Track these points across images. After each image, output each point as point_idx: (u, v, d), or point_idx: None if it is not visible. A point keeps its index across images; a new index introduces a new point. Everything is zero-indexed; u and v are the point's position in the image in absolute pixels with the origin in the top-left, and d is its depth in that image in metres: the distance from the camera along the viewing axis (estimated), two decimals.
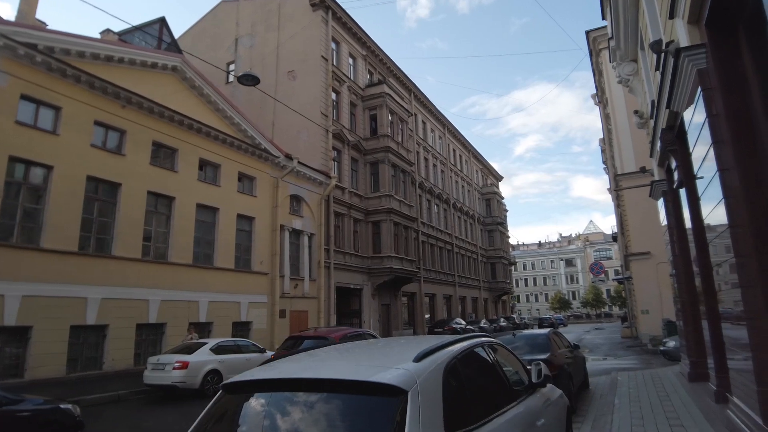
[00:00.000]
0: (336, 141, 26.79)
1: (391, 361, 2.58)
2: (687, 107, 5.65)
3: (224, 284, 18.09)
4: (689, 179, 6.96)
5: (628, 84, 10.63)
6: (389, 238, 27.92)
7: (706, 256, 6.11)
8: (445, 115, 47.05)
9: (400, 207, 29.44)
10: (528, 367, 4.12)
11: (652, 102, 8.39)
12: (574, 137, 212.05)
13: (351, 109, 29.39)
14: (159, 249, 16.37)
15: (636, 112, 10.35)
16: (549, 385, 4.29)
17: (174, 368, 11.12)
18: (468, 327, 27.68)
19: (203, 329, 17.15)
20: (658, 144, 8.14)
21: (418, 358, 2.42)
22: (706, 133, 4.79)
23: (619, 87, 21.66)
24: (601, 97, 27.34)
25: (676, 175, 7.96)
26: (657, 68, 7.34)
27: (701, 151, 5.21)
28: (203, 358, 11.74)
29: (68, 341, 13.04)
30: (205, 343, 12.31)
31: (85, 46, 14.54)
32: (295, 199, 22.82)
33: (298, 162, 22.10)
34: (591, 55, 24.93)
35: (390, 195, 28.41)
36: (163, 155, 16.98)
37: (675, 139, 7.41)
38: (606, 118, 25.61)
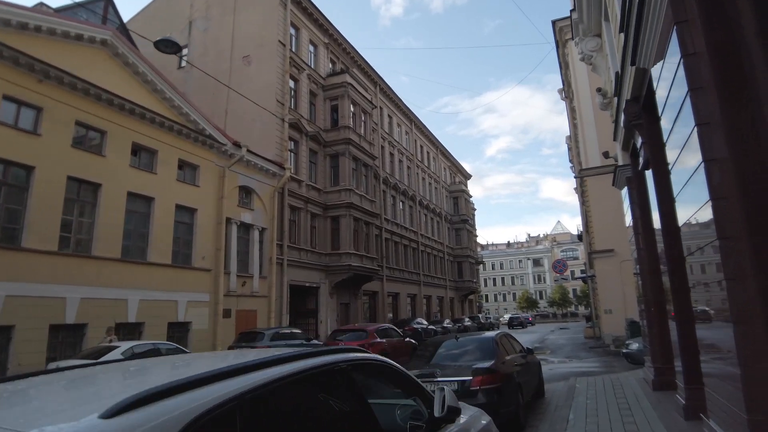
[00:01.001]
0: (293, 131, 25.35)
1: (64, 415, 1.33)
2: (656, 61, 4.59)
3: (159, 281, 16.48)
4: (657, 156, 5.94)
5: (591, 61, 9.68)
6: (349, 234, 26.64)
7: (677, 246, 5.07)
8: (418, 115, 46.14)
9: (361, 202, 28.19)
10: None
11: (616, 74, 7.39)
12: (544, 139, 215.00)
13: (311, 99, 27.98)
14: (81, 241, 14.68)
15: (599, 90, 9.41)
16: (469, 414, 3.10)
17: None
18: (430, 327, 26.58)
19: (133, 331, 15.54)
20: (622, 120, 7.13)
21: (113, 413, 1.18)
22: (681, 84, 3.71)
23: (585, 78, 21.00)
24: (567, 92, 26.71)
25: (641, 156, 6.96)
26: (621, 29, 6.31)
27: (672, 113, 4.14)
28: None
29: None
30: (117, 347, 10.79)
31: None
32: (245, 191, 21.31)
33: (248, 151, 20.59)
34: (557, 46, 24.21)
35: (350, 189, 27.12)
36: (88, 137, 15.29)
37: (641, 112, 6.39)
38: (572, 113, 24.96)
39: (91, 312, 14.19)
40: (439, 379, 6.11)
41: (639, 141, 6.73)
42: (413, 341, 18.56)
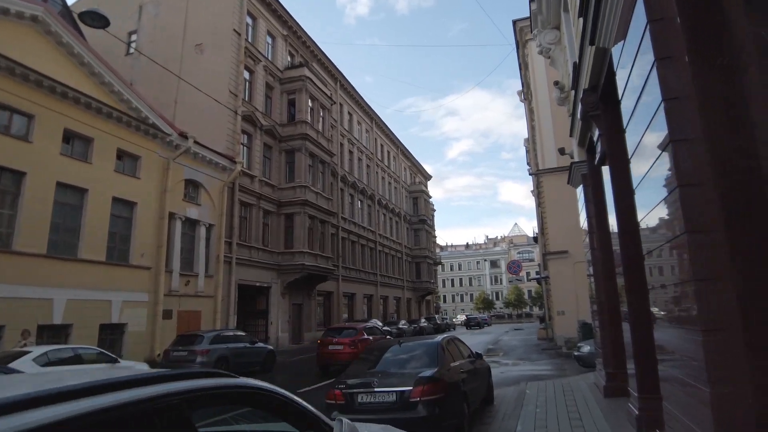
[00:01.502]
0: (247, 124, 24.32)
1: None
2: (617, 40, 4.14)
3: (91, 279, 15.22)
4: (615, 147, 5.55)
5: (549, 54, 9.34)
6: (303, 232, 25.78)
7: (634, 244, 4.65)
8: (381, 115, 45.60)
9: (317, 199, 27.38)
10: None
11: (574, 64, 7.00)
12: (504, 143, 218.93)
13: (267, 92, 26.97)
14: (1, 235, 13.34)
15: (557, 83, 9.09)
16: None
17: None
18: (384, 328, 25.87)
19: (59, 334, 14.26)
20: (579, 111, 6.73)
21: None
22: (646, 57, 3.24)
23: (543, 77, 20.96)
24: (526, 93, 26.75)
25: (598, 150, 6.58)
26: (580, 14, 5.90)
27: (634, 94, 3.68)
28: None
29: None
30: (29, 352, 9.67)
31: None
32: (192, 185, 20.17)
33: (195, 142, 19.48)
34: (518, 47, 24.16)
35: (306, 186, 26.28)
36: (13, 122, 13.93)
37: (598, 102, 6.00)
38: (530, 114, 24.97)
39: (8, 313, 12.87)
40: (377, 389, 5.52)
41: (596, 133, 6.35)
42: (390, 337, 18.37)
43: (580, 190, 9.46)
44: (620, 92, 4.25)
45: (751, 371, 2.23)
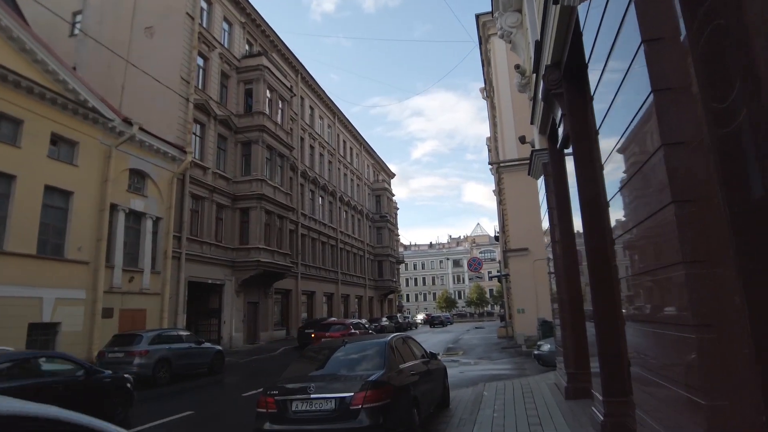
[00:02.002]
0: (200, 113, 23.12)
1: None
2: None
3: (18, 274, 13.90)
4: (579, 127, 5.05)
5: (510, 38, 8.87)
6: (259, 227, 24.77)
7: (600, 230, 4.14)
8: (346, 114, 44.85)
9: (275, 194, 26.39)
10: None
11: (536, 43, 6.51)
12: (468, 145, 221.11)
13: (222, 81, 25.79)
14: None
15: (517, 67, 8.62)
16: None
17: None
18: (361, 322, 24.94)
19: None
20: (541, 91, 6.24)
21: None
22: (618, 5, 2.69)
23: (505, 70, 20.73)
24: (488, 90, 26.55)
25: (560, 133, 6.10)
26: None
27: (604, 48, 3.14)
28: None
29: None
30: None
31: None
32: (138, 175, 18.91)
33: (140, 129, 18.23)
34: (481, 42, 23.88)
35: (263, 180, 25.26)
36: None
37: (561, 79, 5.50)
38: (492, 110, 24.76)
39: None
40: (314, 396, 4.84)
41: (558, 114, 5.87)
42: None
43: (541, 182, 9.04)
44: (587, 55, 3.72)
45: (762, 376, 1.69)
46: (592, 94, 3.63)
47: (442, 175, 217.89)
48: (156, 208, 19.45)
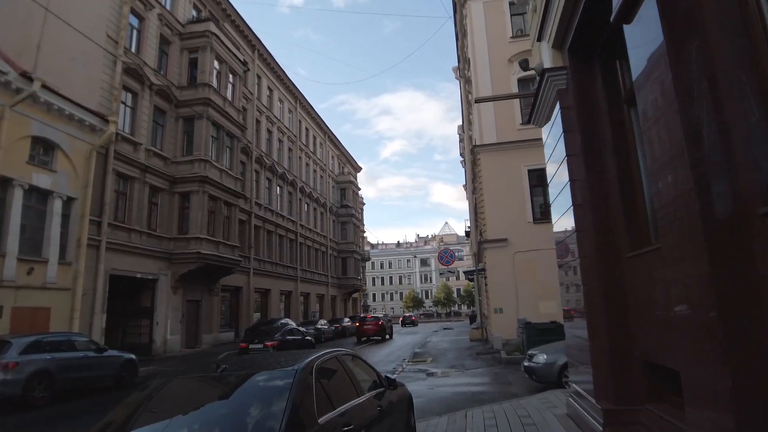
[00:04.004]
0: (132, 80, 19.83)
1: None
2: None
3: None
4: None
5: None
6: (201, 215, 21.61)
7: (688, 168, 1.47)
8: (317, 110, 41.75)
9: (222, 178, 23.26)
10: None
11: None
12: (436, 146, 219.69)
13: (162, 46, 22.49)
14: None
15: None
16: None
17: None
18: (296, 328, 21.90)
19: None
20: None
21: None
22: None
23: (483, 39, 18.31)
24: (463, 69, 24.11)
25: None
26: None
27: None
28: None
29: None
30: None
31: None
32: (44, 144, 15.56)
33: (44, 86, 14.89)
34: (455, 10, 21.40)
35: (206, 160, 22.11)
36: None
37: None
38: (467, 87, 22.30)
39: None
40: None
41: None
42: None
43: (547, 130, 6.48)
44: None
45: None
46: None
47: (410, 175, 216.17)
48: (68, 186, 16.12)
